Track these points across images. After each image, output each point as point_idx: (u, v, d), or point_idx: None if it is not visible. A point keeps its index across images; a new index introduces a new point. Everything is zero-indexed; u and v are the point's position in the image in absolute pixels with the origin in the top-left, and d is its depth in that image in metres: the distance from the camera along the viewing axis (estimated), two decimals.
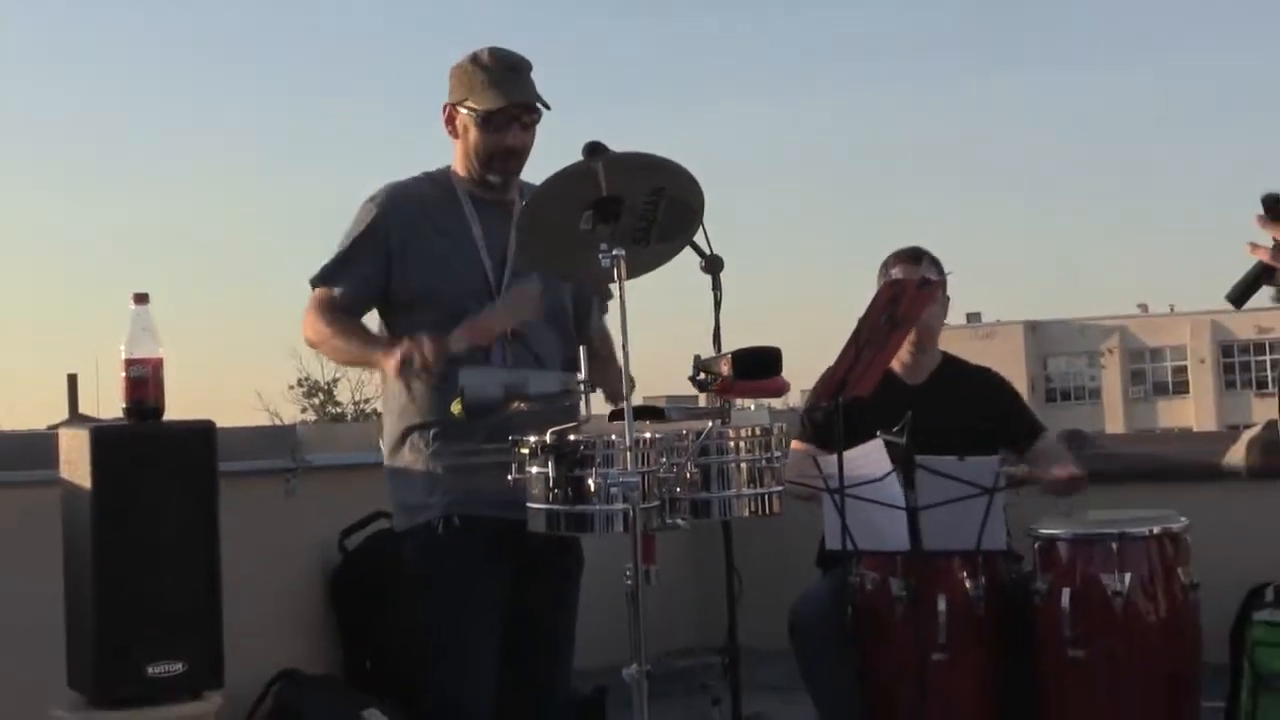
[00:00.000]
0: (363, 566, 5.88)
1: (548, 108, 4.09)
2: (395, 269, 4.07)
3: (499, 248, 4.10)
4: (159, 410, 4.10)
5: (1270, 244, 3.12)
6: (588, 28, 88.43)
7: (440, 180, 4.20)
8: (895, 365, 5.11)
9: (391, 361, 3.88)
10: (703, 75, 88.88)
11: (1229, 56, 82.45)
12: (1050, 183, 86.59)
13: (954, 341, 5.64)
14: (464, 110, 4.10)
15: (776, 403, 6.05)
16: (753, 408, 4.19)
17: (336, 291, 4.09)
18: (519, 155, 4.11)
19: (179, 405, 4.18)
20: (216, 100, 77.52)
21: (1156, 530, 4.62)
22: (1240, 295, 3.23)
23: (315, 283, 4.13)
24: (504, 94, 4.05)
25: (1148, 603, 4.56)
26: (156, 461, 4.04)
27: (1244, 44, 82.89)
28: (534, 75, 4.12)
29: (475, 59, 4.10)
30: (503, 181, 4.14)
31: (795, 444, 5.12)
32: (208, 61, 79.66)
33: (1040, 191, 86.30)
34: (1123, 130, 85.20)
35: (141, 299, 4.07)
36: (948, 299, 5.38)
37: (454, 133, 4.16)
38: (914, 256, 5.17)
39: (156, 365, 4.08)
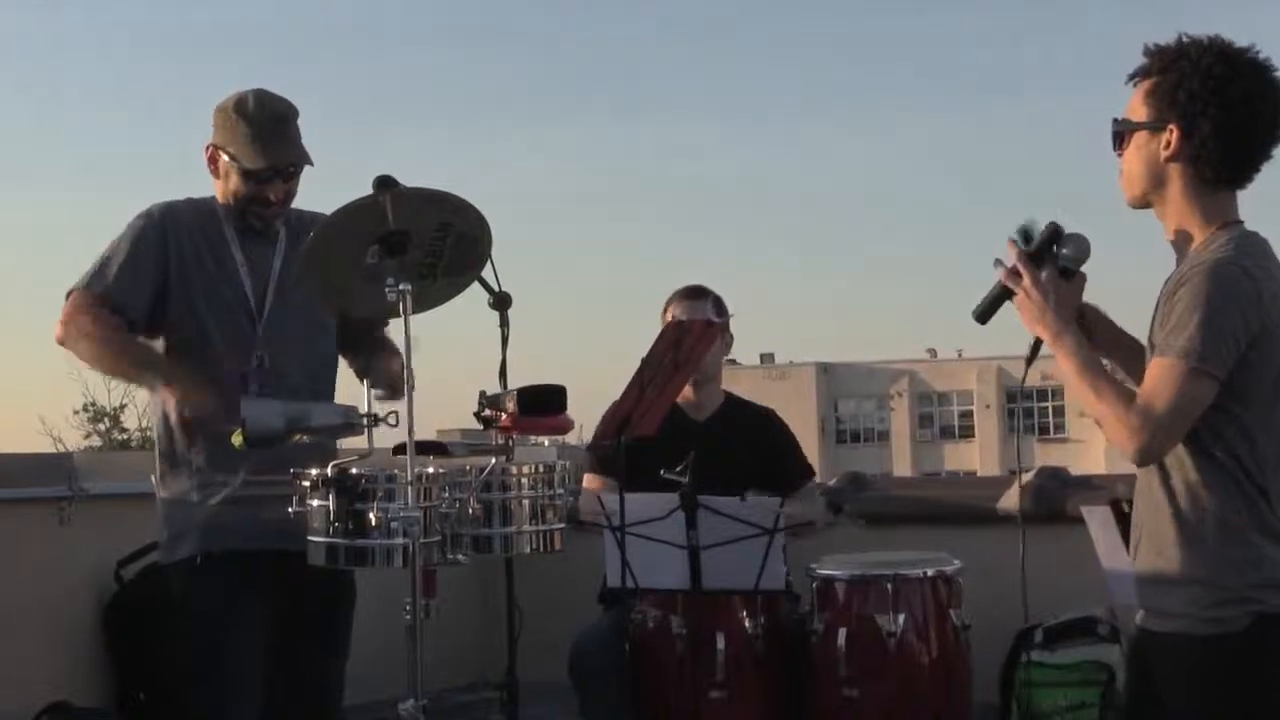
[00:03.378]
0: (138, 597, 5.75)
1: (311, 164, 4.09)
2: (165, 286, 4.04)
3: (262, 274, 4.11)
4: None
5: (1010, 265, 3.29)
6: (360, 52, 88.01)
7: (205, 208, 4.17)
8: (680, 401, 5.16)
9: (173, 398, 3.86)
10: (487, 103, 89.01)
11: (1010, 112, 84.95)
12: (844, 227, 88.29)
13: (747, 382, 5.76)
14: (226, 157, 4.08)
15: (571, 438, 6.06)
16: (546, 443, 4.21)
17: (108, 295, 4.00)
18: (280, 205, 4.11)
19: None
20: None
21: (930, 572, 4.73)
22: (984, 313, 3.37)
23: (84, 286, 4.02)
24: (268, 155, 4.03)
25: (920, 643, 4.66)
26: None
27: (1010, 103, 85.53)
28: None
29: (240, 107, 4.06)
30: (264, 226, 4.13)
31: (588, 477, 5.16)
32: None
33: (833, 235, 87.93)
34: (913, 180, 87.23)
35: None
36: (731, 337, 5.46)
37: (215, 173, 4.14)
38: (695, 295, 5.24)
39: None
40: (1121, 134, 3.26)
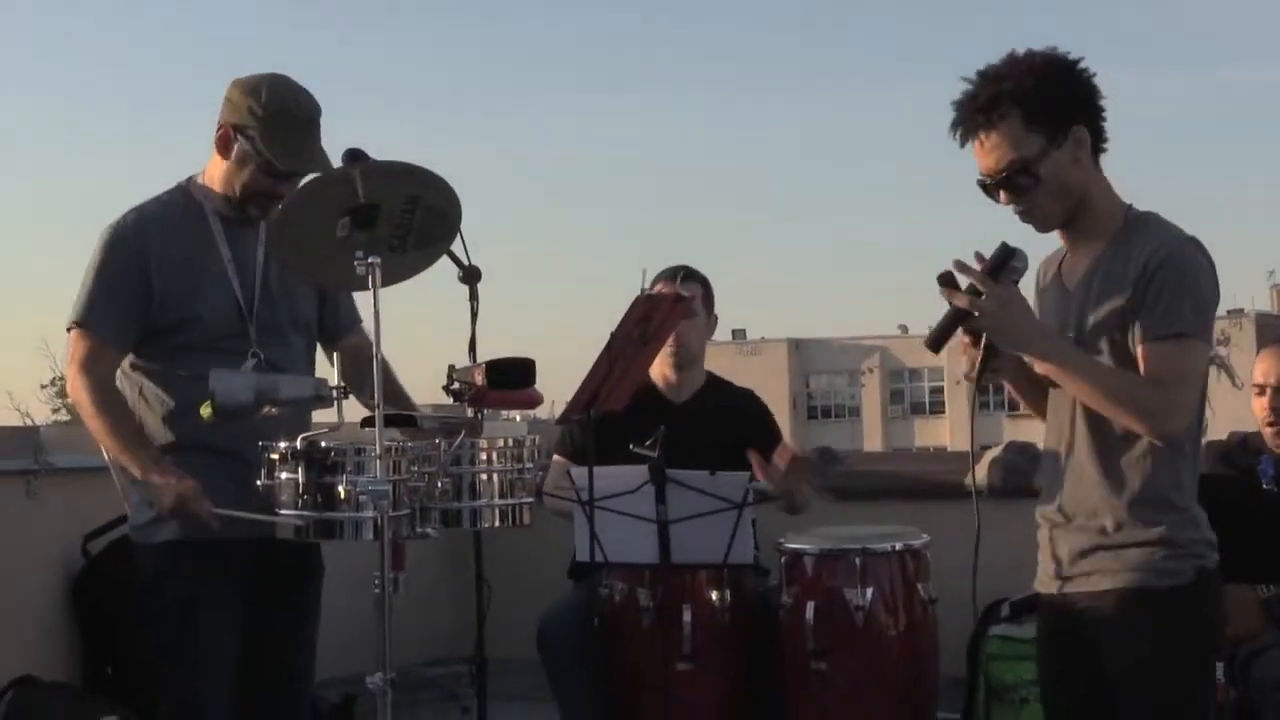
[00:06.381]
0: (106, 571, 5.73)
1: (332, 169, 3.85)
2: (150, 303, 3.93)
3: (249, 270, 4.02)
4: None
5: (964, 289, 3.26)
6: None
7: (180, 201, 4.05)
8: (659, 382, 5.17)
9: (158, 483, 3.78)
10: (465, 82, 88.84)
11: None
12: (816, 203, 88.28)
13: (719, 357, 5.74)
14: (246, 143, 3.91)
15: (542, 413, 6.08)
16: (518, 418, 4.22)
17: (101, 336, 3.92)
18: (283, 198, 3.93)
19: None
20: None
21: (898, 546, 4.74)
22: (938, 339, 3.35)
23: (75, 325, 3.93)
24: (299, 158, 3.89)
25: (888, 616, 4.67)
26: None
27: None
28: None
29: (273, 95, 3.89)
30: (261, 215, 4.01)
31: (556, 457, 5.16)
32: None
33: (807, 211, 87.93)
34: (880, 156, 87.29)
35: None
36: (715, 319, 5.42)
37: (224, 154, 3.96)
38: (674, 274, 5.21)
39: None
40: (1033, 173, 3.23)
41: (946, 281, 3.27)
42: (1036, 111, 3.20)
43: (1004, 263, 3.25)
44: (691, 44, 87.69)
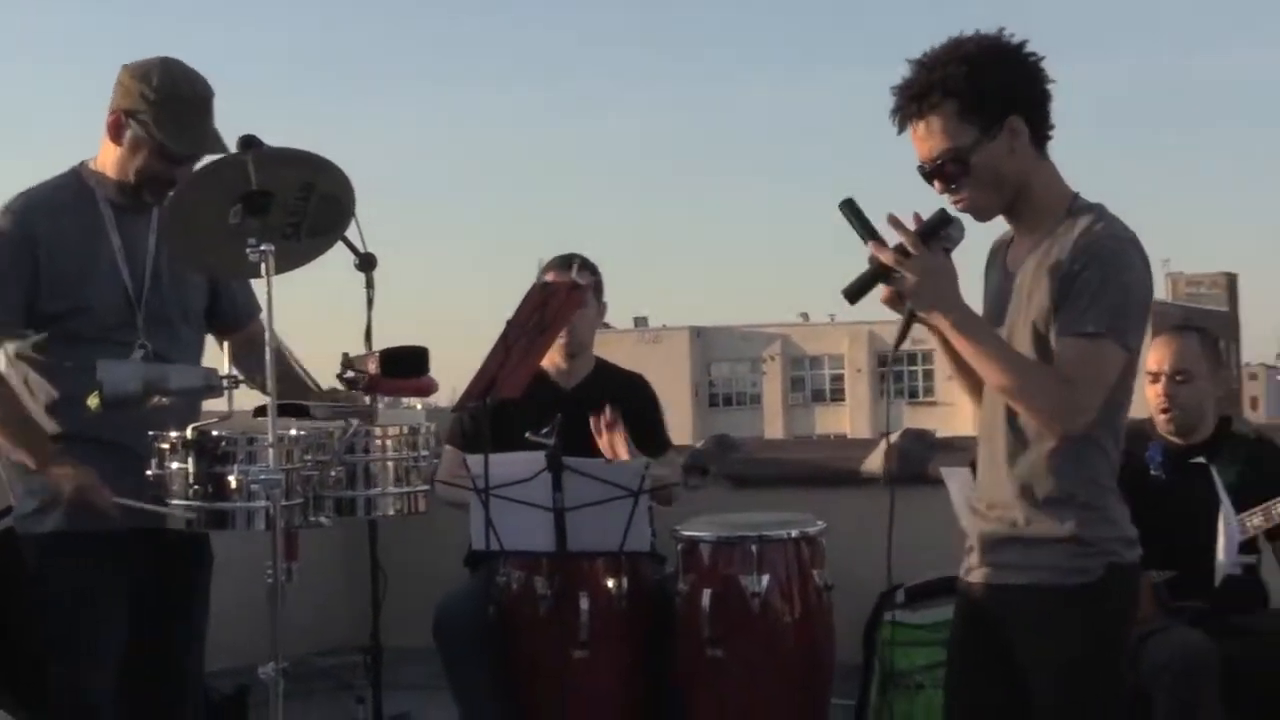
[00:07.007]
0: None
1: (227, 151, 3.82)
2: (37, 288, 3.87)
3: (139, 259, 3.97)
4: None
5: (892, 246, 3.19)
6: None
7: (72, 186, 4.00)
8: (549, 368, 5.17)
9: (56, 473, 3.76)
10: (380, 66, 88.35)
11: None
12: (718, 190, 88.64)
13: (621, 345, 5.76)
14: (138, 127, 3.87)
15: (442, 400, 6.05)
16: (418, 406, 4.20)
17: None
18: (177, 183, 3.88)
19: None
20: None
21: (794, 533, 4.76)
22: (857, 292, 3.26)
23: None
24: (193, 140, 3.86)
25: (784, 604, 4.69)
26: None
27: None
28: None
29: (165, 79, 3.86)
30: (156, 201, 3.96)
31: (448, 447, 5.14)
32: None
33: (708, 199, 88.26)
34: (788, 141, 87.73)
35: None
36: (604, 306, 5.46)
37: (117, 140, 3.92)
38: (566, 263, 5.23)
39: None
40: (964, 162, 3.18)
41: (870, 233, 3.22)
42: (970, 102, 3.15)
43: (937, 229, 3.19)
44: (588, 32, 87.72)
